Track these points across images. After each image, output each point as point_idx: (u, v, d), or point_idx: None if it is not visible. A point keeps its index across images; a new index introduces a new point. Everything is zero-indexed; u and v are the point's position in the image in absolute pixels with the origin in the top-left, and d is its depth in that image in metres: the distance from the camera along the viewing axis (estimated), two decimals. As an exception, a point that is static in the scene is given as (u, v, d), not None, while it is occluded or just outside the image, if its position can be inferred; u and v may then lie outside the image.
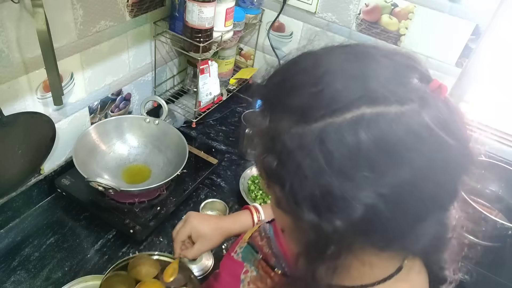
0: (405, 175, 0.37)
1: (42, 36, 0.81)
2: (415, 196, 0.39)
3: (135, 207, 1.06)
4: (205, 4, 1.11)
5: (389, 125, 0.37)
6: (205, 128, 1.44)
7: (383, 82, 0.38)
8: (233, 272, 0.67)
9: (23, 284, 0.91)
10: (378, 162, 0.37)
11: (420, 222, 0.42)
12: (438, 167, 0.39)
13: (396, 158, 0.37)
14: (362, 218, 0.38)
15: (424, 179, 0.38)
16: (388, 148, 0.37)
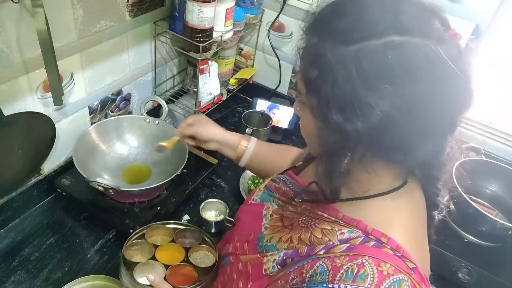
0: (418, 92, 0.47)
1: (42, 36, 0.81)
2: (424, 112, 0.49)
3: (135, 207, 1.06)
4: (205, 4, 1.11)
5: (411, 51, 0.47)
6: (205, 128, 1.43)
7: (411, 18, 0.48)
8: (254, 212, 0.74)
9: (23, 284, 0.91)
10: (397, 77, 0.47)
11: (424, 137, 0.51)
12: (446, 92, 0.48)
13: (412, 77, 0.47)
14: (378, 124, 0.48)
15: (433, 100, 0.48)
16: (407, 68, 0.47)
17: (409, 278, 0.52)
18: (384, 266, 0.51)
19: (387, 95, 0.47)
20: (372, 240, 0.55)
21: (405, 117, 0.48)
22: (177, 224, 0.88)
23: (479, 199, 1.21)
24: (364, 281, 0.50)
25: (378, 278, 0.50)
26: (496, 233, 1.07)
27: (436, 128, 0.52)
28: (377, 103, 0.47)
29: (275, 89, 1.59)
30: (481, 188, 1.23)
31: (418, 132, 0.50)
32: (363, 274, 0.51)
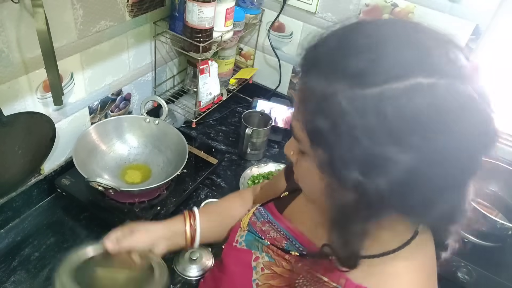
0: (448, 142, 0.41)
1: (42, 36, 0.81)
2: (453, 163, 0.42)
3: (135, 207, 1.06)
4: (205, 4, 1.11)
5: (441, 95, 0.40)
6: (205, 128, 1.44)
7: (437, 56, 0.41)
8: (242, 262, 0.66)
9: (23, 284, 0.91)
10: (427, 127, 0.40)
11: (449, 190, 0.45)
12: (474, 137, 0.43)
13: (444, 125, 0.40)
14: (403, 180, 0.41)
15: (462, 148, 0.42)
16: (438, 116, 0.40)
17: None
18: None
19: (414, 148, 0.40)
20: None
21: (433, 170, 0.41)
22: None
23: (479, 199, 1.21)
24: None
25: None
26: (496, 233, 1.07)
27: (464, 175, 0.46)
28: (403, 157, 0.40)
29: (275, 89, 1.59)
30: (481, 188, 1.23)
31: (445, 185, 0.44)
32: None
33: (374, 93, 0.40)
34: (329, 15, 1.35)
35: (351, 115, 0.40)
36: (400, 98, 0.39)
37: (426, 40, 0.43)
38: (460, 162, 0.43)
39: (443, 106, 0.40)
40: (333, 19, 1.35)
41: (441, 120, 0.40)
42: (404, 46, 0.42)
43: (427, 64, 0.41)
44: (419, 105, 0.39)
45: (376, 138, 0.40)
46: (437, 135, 0.40)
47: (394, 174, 0.41)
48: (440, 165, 0.41)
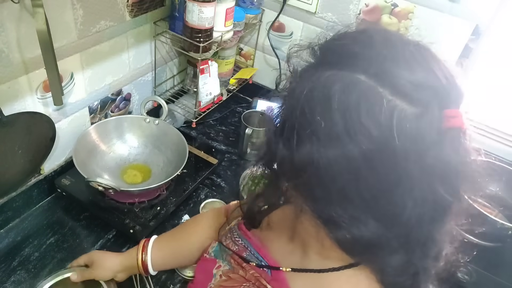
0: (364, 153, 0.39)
1: (42, 36, 0.81)
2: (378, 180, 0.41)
3: (135, 207, 1.06)
4: (205, 4, 1.11)
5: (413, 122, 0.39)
6: (205, 128, 1.44)
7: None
8: (206, 270, 0.67)
9: (23, 284, 0.91)
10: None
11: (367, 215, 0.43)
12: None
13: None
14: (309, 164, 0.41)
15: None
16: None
17: None
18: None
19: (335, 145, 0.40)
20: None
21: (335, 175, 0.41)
22: None
23: (479, 199, 1.21)
24: None
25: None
26: (496, 233, 1.07)
27: (378, 211, 0.42)
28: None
29: (275, 89, 1.59)
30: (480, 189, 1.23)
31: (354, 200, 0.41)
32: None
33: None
34: (329, 15, 1.35)
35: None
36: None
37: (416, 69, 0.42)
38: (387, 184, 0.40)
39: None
40: (333, 19, 1.35)
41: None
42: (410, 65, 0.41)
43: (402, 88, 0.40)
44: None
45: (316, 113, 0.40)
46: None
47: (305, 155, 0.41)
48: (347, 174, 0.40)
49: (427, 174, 0.40)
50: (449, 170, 0.40)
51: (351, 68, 0.41)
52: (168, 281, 0.96)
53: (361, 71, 0.40)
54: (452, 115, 0.40)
